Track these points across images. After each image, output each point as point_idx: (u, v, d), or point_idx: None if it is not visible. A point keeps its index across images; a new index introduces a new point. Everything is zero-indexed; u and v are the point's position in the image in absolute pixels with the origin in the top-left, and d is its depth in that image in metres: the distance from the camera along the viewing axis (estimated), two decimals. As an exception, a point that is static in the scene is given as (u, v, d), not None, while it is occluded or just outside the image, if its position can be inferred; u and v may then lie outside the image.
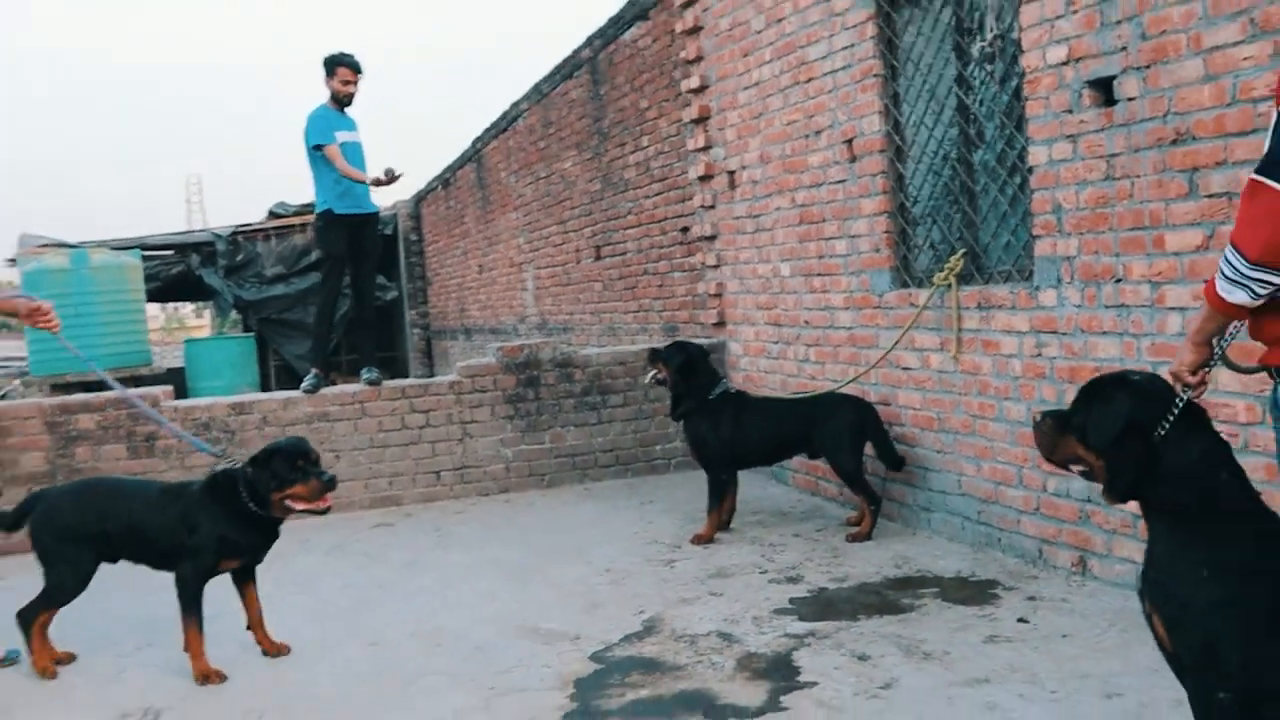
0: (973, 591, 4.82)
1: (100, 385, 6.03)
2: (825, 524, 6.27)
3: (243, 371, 13.48)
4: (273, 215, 19.63)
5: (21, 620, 4.43)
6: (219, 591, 4.48)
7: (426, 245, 19.48)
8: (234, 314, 20.59)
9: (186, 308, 58.70)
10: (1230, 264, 2.40)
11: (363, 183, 7.41)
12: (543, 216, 12.36)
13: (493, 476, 7.65)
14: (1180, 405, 2.61)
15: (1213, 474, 2.58)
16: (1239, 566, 2.50)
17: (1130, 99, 4.38)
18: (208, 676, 4.24)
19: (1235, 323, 2.57)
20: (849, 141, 6.24)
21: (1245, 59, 3.88)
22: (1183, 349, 2.67)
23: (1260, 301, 2.41)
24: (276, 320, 18.63)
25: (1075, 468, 2.84)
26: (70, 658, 4.59)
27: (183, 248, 19.38)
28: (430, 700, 3.96)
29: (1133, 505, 4.20)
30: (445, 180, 17.13)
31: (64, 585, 4.37)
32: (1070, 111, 4.67)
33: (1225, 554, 2.52)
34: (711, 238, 8.00)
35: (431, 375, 16.69)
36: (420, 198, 19.39)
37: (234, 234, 18.98)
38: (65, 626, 4.67)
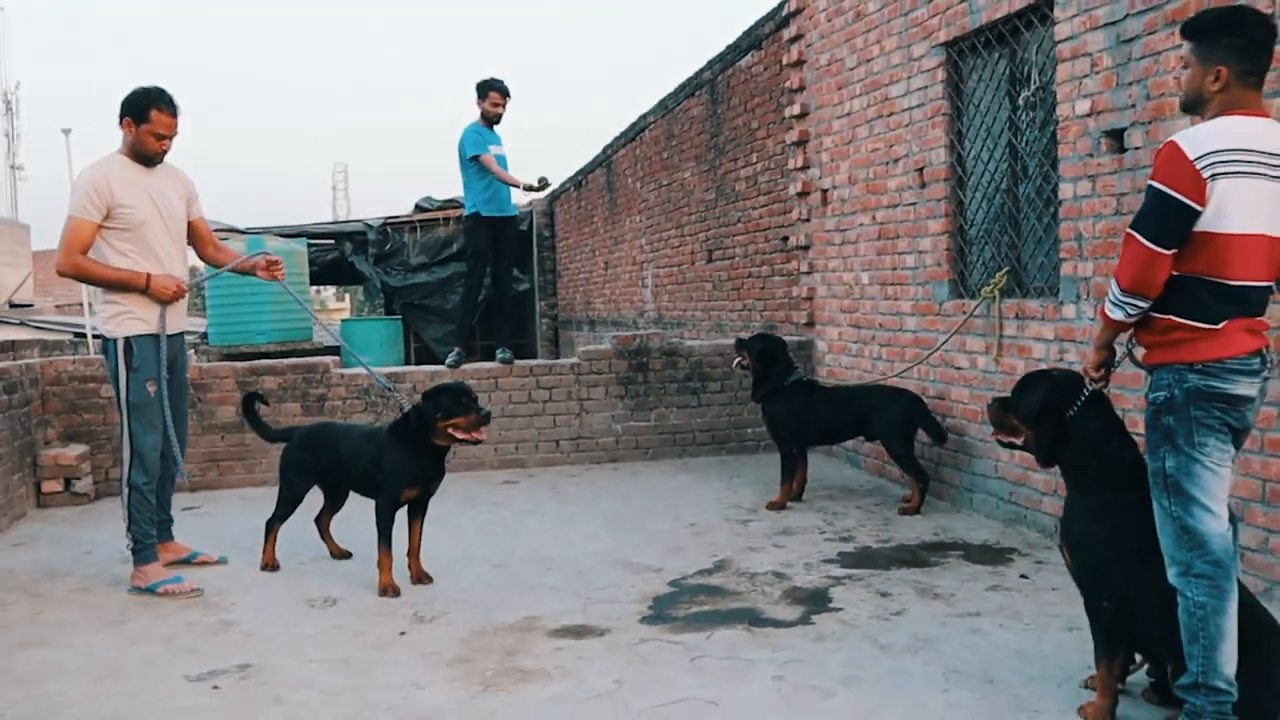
0: (992, 555, 5.70)
1: (277, 354, 7.25)
2: (885, 500, 7.17)
3: (390, 349, 14.87)
4: (418, 209, 21.00)
5: (267, 525, 5.82)
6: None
7: (558, 241, 20.71)
8: (378, 298, 22.09)
9: (328, 291, 61.67)
10: (1112, 292, 3.33)
11: (516, 186, 8.55)
12: (663, 220, 13.40)
13: (603, 447, 8.74)
14: (1088, 393, 3.55)
15: (1106, 443, 3.51)
16: (1118, 510, 3.43)
17: (1136, 148, 5.21)
18: (387, 589, 5.23)
19: (1124, 334, 3.48)
20: (920, 170, 7.12)
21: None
22: (1089, 352, 3.59)
23: (1133, 319, 3.33)
24: (419, 305, 19.97)
25: (1017, 439, 3.77)
26: (275, 566, 5.79)
27: (338, 236, 20.96)
28: (540, 602, 5.05)
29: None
30: (578, 182, 18.31)
31: (285, 499, 5.74)
32: (1091, 155, 5.52)
33: (1110, 501, 3.46)
34: (806, 247, 8.93)
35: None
36: (554, 197, 20.62)
37: (384, 225, 20.45)
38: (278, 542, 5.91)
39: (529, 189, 8.55)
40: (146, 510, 5.46)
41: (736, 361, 7.35)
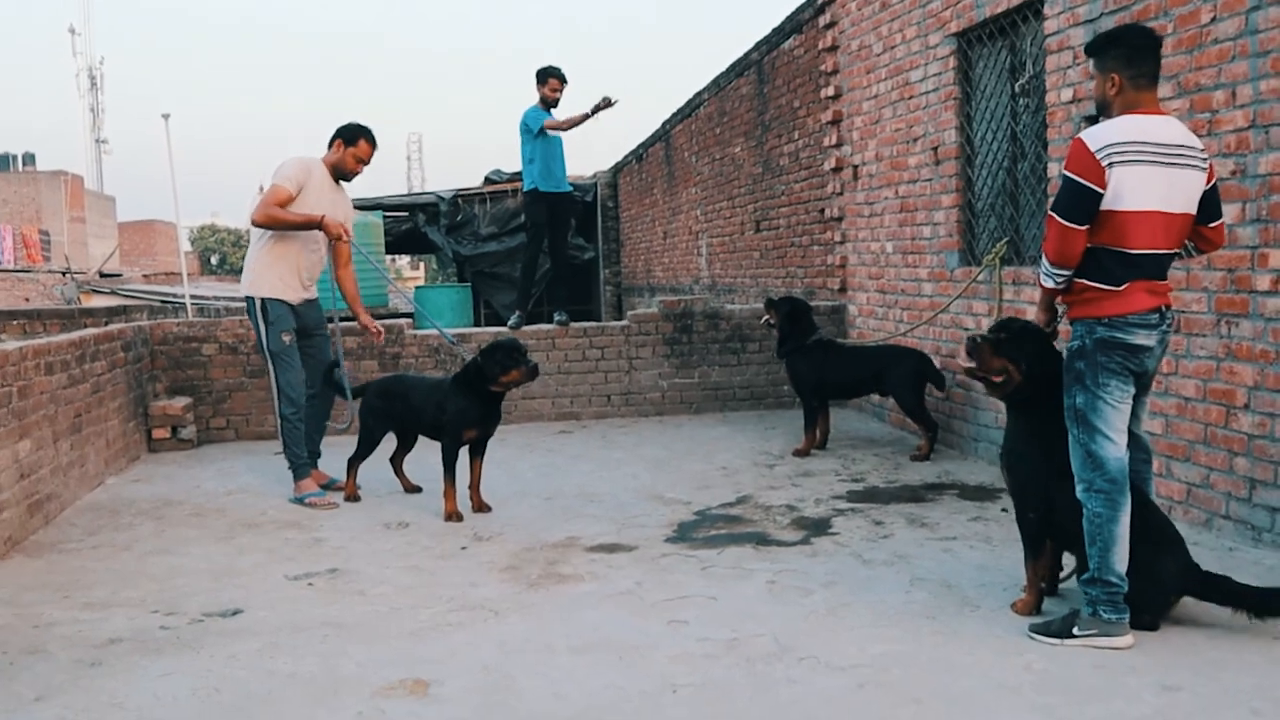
0: (984, 495, 6.41)
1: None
2: (901, 449, 7.89)
3: (460, 314, 15.76)
4: (488, 181, 21.85)
5: (349, 462, 6.69)
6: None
7: (621, 212, 21.49)
8: (450, 266, 23.03)
9: (403, 259, 63.29)
10: (1043, 263, 4.03)
11: (580, 122, 9.25)
12: (716, 193, 14.10)
13: (651, 402, 9.55)
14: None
15: (1052, 384, 4.21)
16: (1050, 437, 4.14)
17: (1111, 132, 5.84)
18: (451, 516, 6.12)
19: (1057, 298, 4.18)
20: (935, 149, 7.78)
21: (1174, 110, 5.33)
22: (1037, 313, 4.30)
23: (1061, 285, 4.03)
24: (488, 273, 20.81)
25: (997, 378, 4.46)
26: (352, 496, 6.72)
27: (412, 208, 21.90)
28: (581, 526, 5.88)
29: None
30: (639, 155, 19.04)
31: (365, 441, 6.62)
32: (1074, 137, 6.15)
33: (1045, 430, 4.16)
34: (839, 219, 9.62)
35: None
36: (618, 169, 21.38)
37: (455, 196, 21.33)
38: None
39: (596, 110, 9.15)
40: (297, 435, 6.69)
41: (764, 319, 8.10)
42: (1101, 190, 3.85)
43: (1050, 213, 3.96)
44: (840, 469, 7.24)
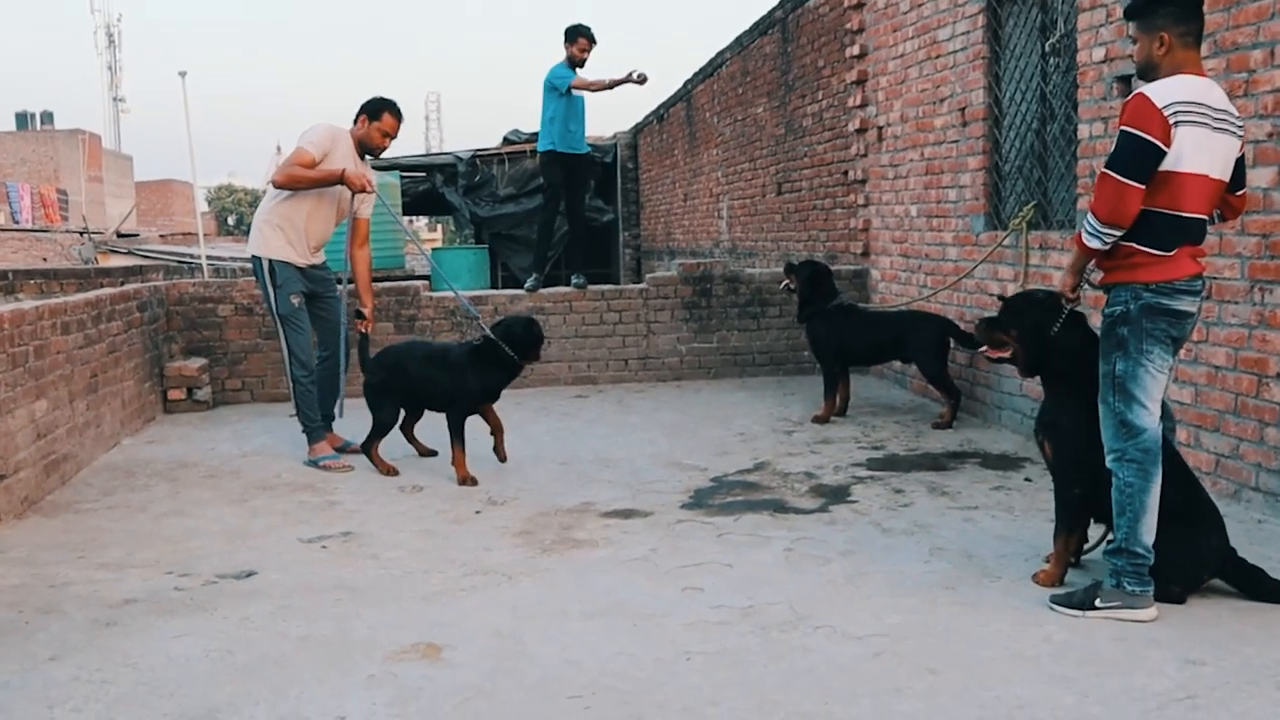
0: (1006, 463, 6.37)
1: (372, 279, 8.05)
2: (923, 416, 7.85)
3: (477, 276, 15.71)
4: (506, 141, 21.71)
5: (364, 449, 6.58)
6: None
7: (641, 174, 21.38)
8: (468, 228, 22.98)
9: (420, 221, 63.28)
10: (1089, 223, 3.96)
11: (608, 87, 9.27)
12: (738, 154, 14.01)
13: (669, 366, 9.53)
14: (1066, 313, 4.21)
15: (1084, 353, 4.17)
16: (1093, 408, 4.09)
17: (1144, 93, 5.75)
18: (465, 480, 6.14)
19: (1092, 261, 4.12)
20: (962, 110, 7.68)
21: (1210, 70, 5.23)
22: (1064, 277, 4.24)
23: (1107, 248, 3.96)
24: (506, 235, 20.69)
25: (1003, 354, 4.44)
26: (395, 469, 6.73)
27: (429, 168, 21.82)
28: (597, 492, 5.89)
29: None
30: (660, 115, 18.92)
31: (378, 423, 6.56)
32: (1104, 99, 6.07)
33: (1086, 401, 4.12)
34: (863, 181, 9.53)
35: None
36: (639, 129, 21.25)
37: (473, 157, 21.23)
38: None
39: (626, 81, 9.24)
40: (309, 398, 6.72)
41: (785, 284, 8.05)
42: (1166, 148, 3.78)
43: (1106, 170, 3.88)
44: (860, 436, 7.22)
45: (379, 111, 6.74)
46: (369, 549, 4.95)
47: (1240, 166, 3.99)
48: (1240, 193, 4.04)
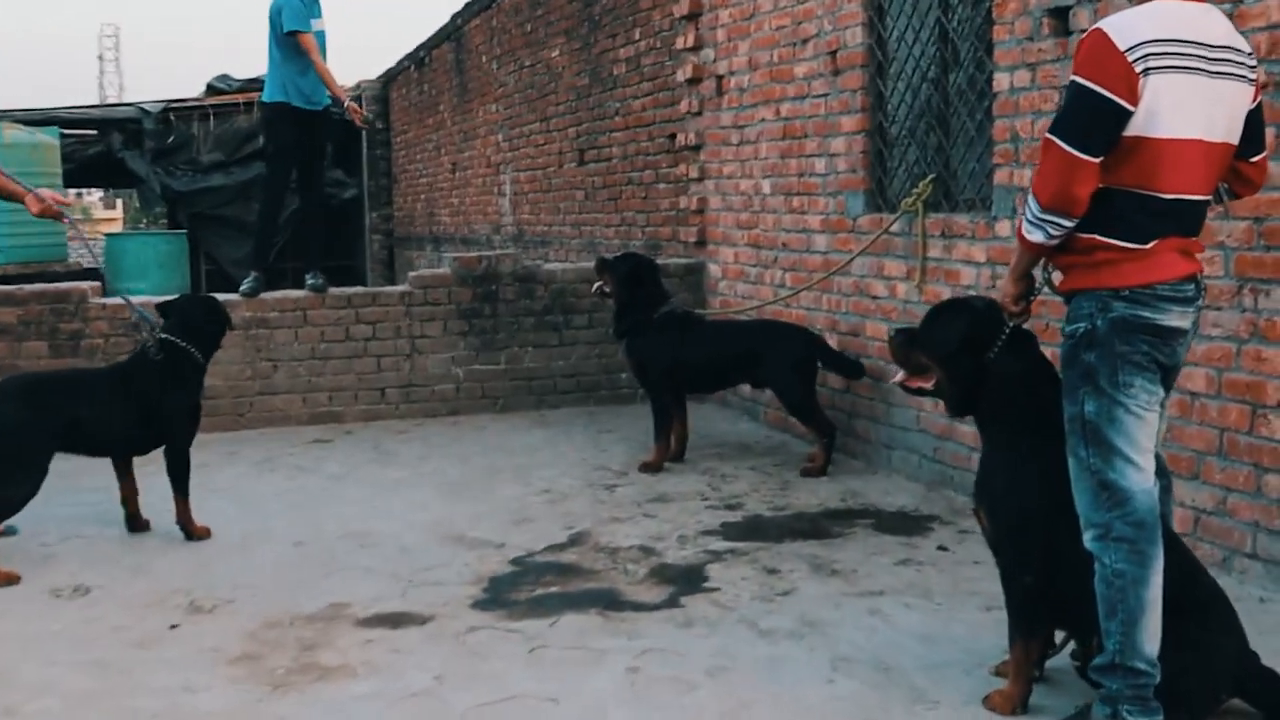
0: (908, 524, 6.02)
1: (19, 278, 7.21)
2: (787, 459, 7.47)
3: (171, 274, 14.72)
4: (212, 91, 20.73)
5: None
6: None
7: (395, 136, 20.65)
8: (159, 206, 21.74)
9: (92, 196, 60.16)
10: (1030, 209, 3.55)
11: (336, 95, 8.65)
12: (525, 111, 13.50)
13: (441, 397, 8.89)
14: (1008, 330, 3.79)
15: (1034, 387, 3.77)
16: (1045, 465, 3.70)
17: (1083, 30, 5.46)
18: (201, 533, 5.91)
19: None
20: (833, 53, 7.36)
21: None
22: (1005, 283, 3.85)
23: (1055, 241, 3.56)
24: (212, 216, 19.75)
25: (927, 383, 4.01)
26: None
27: (103, 124, 20.56)
28: (350, 586, 5.21)
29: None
30: (419, 60, 18.28)
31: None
32: (1031, 39, 5.79)
33: (1035, 455, 3.72)
34: (696, 148, 9.15)
35: (392, 290, 17.92)
36: (390, 78, 20.52)
37: (165, 111, 20.09)
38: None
39: (349, 108, 9.00)
40: None
41: (597, 286, 7.56)
42: (1131, 107, 3.39)
43: (1049, 136, 3.48)
44: (707, 490, 6.78)
45: None
46: (1, 698, 4.13)
47: (1257, 122, 3.65)
48: (1257, 158, 3.71)
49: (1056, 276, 3.76)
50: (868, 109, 7.15)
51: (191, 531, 5.91)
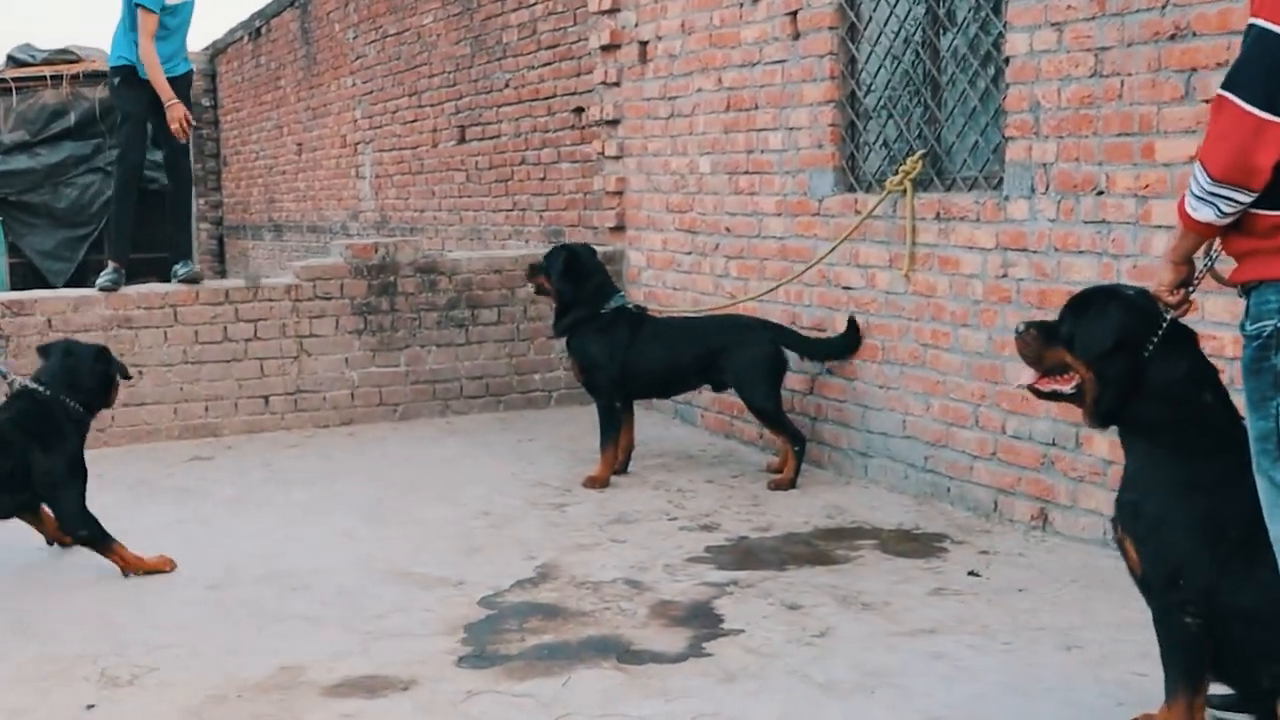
0: (917, 544, 5.51)
1: None
2: (742, 469, 6.92)
3: (-16, 267, 13.60)
4: (13, 63, 19.62)
5: None
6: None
7: (224, 115, 19.70)
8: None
9: None
10: (1197, 181, 3.02)
11: (168, 100, 7.86)
12: (389, 85, 12.77)
13: (334, 404, 8.14)
14: (1165, 324, 3.28)
15: (1196, 394, 3.28)
16: (1211, 485, 3.18)
17: (1124, -15, 5.02)
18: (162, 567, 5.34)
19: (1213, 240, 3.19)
20: (793, 14, 6.80)
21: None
22: (1161, 268, 3.33)
23: (1227, 220, 3.03)
24: (15, 203, 18.73)
25: (1061, 386, 3.47)
26: None
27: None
28: (297, 641, 4.48)
29: (1103, 449, 4.95)
30: (255, 30, 17.40)
31: None
32: (1055, -8, 5.31)
33: (1199, 473, 3.21)
34: (614, 122, 8.54)
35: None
36: (218, 51, 19.56)
37: (-44, 85, 18.88)
38: None
39: (174, 118, 7.93)
40: None
41: (534, 286, 7.13)
42: None
43: (1222, 92, 2.95)
44: (671, 508, 6.20)
45: None
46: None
47: None
48: None
49: (1224, 262, 3.25)
50: (837, 76, 6.60)
51: (146, 568, 5.33)
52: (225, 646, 4.46)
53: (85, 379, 5.48)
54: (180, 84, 8.17)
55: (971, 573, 5.09)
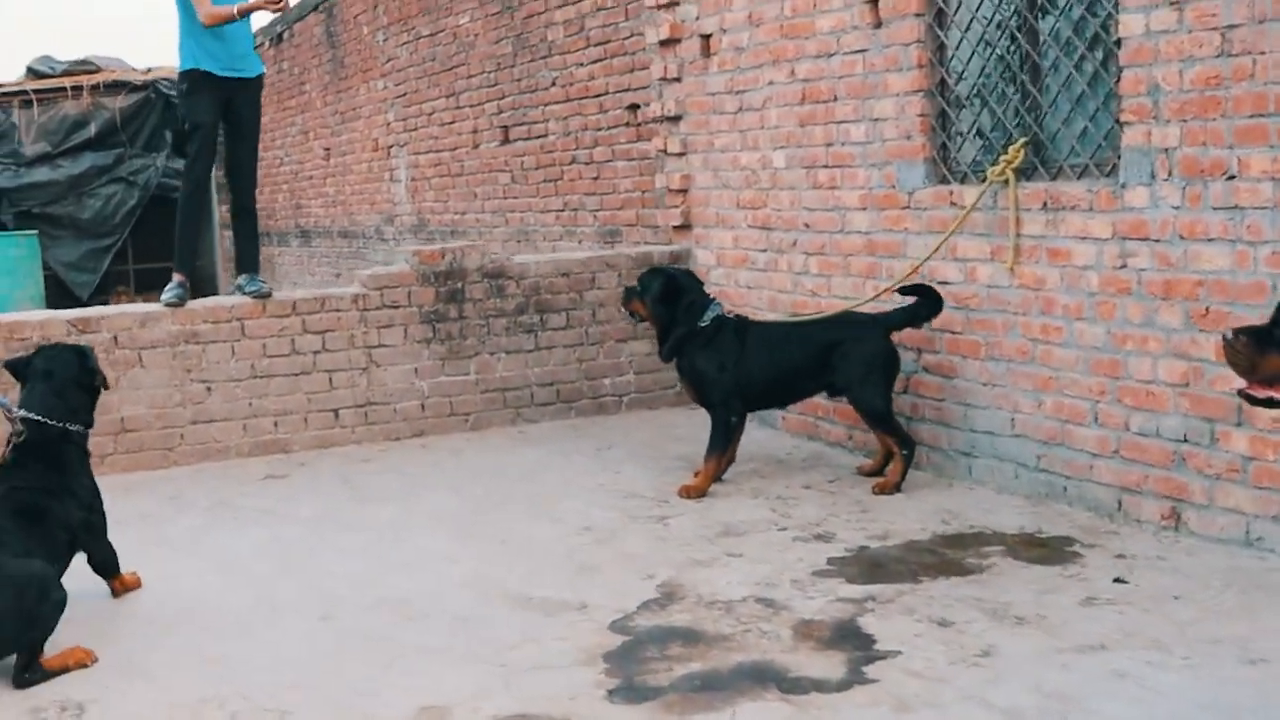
0: (1046, 550, 5.22)
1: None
2: (836, 474, 6.63)
3: (22, 280, 13.39)
4: (34, 74, 19.51)
5: None
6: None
7: (244, 121, 19.33)
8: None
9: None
10: None
11: (231, 19, 7.40)
12: (425, 87, 12.48)
13: (405, 416, 7.84)
14: None
15: None
16: None
17: (1255, -40, 4.73)
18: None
19: None
20: (874, 2, 6.52)
21: None
22: None
23: None
24: (40, 215, 18.65)
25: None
26: None
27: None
28: (430, 677, 4.19)
29: (1241, 445, 4.67)
30: (277, 35, 17.14)
31: None
32: (1182, -30, 5.02)
33: None
34: (676, 119, 8.25)
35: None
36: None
37: (-22, 97, 18.81)
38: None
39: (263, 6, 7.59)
40: None
41: (630, 312, 6.93)
42: None
43: None
44: (777, 517, 5.90)
45: None
46: None
47: None
48: None
49: None
50: (926, 64, 6.31)
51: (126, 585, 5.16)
52: (355, 686, 4.16)
53: (80, 397, 5.08)
54: (251, 86, 7.84)
55: (1118, 579, 4.80)
